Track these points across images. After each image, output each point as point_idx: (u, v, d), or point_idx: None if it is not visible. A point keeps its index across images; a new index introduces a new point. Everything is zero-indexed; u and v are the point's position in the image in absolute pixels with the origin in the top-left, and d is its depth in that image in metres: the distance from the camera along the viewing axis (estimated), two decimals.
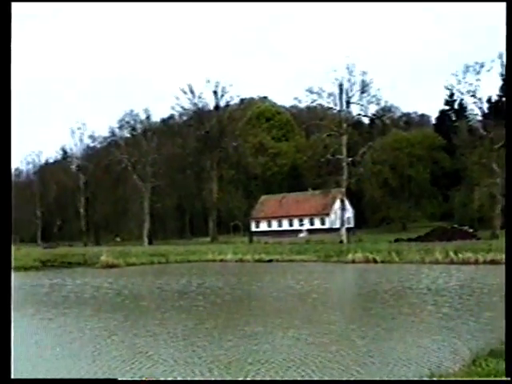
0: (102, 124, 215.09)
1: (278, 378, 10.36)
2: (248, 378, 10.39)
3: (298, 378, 10.33)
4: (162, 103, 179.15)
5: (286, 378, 10.38)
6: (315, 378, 10.27)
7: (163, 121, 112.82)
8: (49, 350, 13.57)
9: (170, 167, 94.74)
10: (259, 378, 10.38)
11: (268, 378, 10.38)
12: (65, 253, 53.79)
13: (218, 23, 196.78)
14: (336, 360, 11.62)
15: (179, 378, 10.51)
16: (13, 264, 46.14)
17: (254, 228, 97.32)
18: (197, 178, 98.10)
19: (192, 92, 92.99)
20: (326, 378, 10.24)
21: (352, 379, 10.22)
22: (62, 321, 17.96)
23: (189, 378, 10.51)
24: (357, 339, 13.84)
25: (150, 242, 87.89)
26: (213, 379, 10.45)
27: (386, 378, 10.11)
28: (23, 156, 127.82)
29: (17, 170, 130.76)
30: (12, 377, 6.76)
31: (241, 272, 38.31)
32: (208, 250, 52.19)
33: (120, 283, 31.61)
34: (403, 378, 10.05)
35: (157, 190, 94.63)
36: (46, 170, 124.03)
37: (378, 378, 10.21)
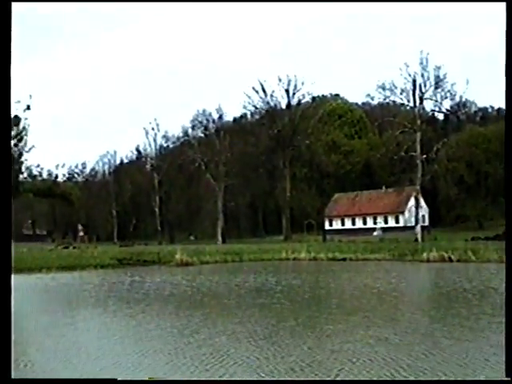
0: (175, 124, 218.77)
1: (357, 378, 9.95)
2: (330, 379, 10.00)
3: (383, 379, 9.88)
4: (234, 102, 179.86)
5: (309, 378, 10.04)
6: (400, 378, 9.82)
7: (235, 120, 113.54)
8: (131, 347, 13.48)
9: (242, 166, 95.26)
10: (341, 379, 9.99)
11: (352, 378, 9.98)
12: (140, 251, 54.59)
13: (287, 21, 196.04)
14: (423, 360, 11.08)
15: (252, 378, 10.21)
16: (90, 262, 47.40)
17: (327, 226, 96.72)
18: (269, 177, 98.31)
19: (264, 91, 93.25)
20: (412, 378, 9.79)
21: (353, 379, 9.94)
22: (142, 318, 17.94)
23: (267, 378, 10.16)
24: (442, 339, 13.22)
25: (224, 241, 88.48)
26: (213, 379, 10.26)
27: (460, 379, 9.63)
28: (99, 156, 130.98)
29: (93, 170, 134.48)
30: (13, 376, 6.64)
31: (316, 270, 37.87)
32: (281, 248, 51.91)
33: (197, 281, 31.66)
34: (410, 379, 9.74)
35: (230, 189, 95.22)
36: (121, 170, 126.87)
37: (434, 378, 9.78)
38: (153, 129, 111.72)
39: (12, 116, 67.17)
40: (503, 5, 7.55)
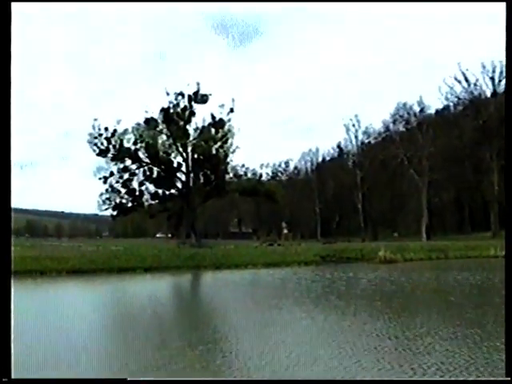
0: (375, 119, 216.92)
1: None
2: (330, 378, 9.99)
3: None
4: (436, 94, 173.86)
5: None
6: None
7: (437, 112, 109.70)
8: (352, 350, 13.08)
9: (446, 160, 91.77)
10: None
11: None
12: (343, 248, 54.80)
13: None
14: None
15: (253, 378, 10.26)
16: (294, 259, 48.53)
17: None
18: (475, 170, 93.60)
19: (466, 80, 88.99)
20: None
21: (353, 379, 9.80)
22: (366, 317, 17.85)
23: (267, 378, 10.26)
24: None
25: (428, 237, 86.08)
26: (213, 379, 10.18)
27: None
28: (301, 154, 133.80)
29: (296, 168, 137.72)
30: (13, 376, 6.71)
31: None
32: (489, 245, 49.38)
33: (413, 277, 31.22)
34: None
35: (434, 184, 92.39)
36: (323, 167, 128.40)
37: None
38: (353, 125, 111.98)
39: (217, 119, 70.89)
40: (503, 5, 8.05)
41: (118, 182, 72.32)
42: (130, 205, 73.28)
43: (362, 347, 13.05)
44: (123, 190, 72.64)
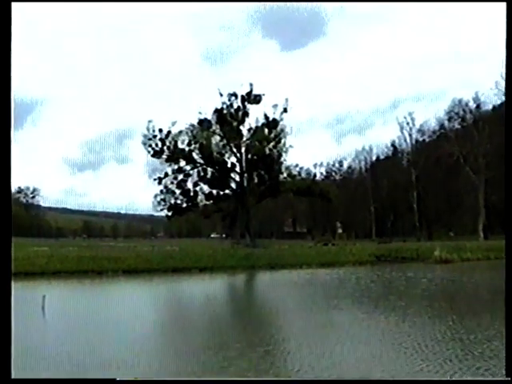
0: (430, 116, 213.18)
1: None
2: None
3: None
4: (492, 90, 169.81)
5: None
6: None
7: (494, 108, 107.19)
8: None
9: (503, 157, 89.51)
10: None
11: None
12: (398, 248, 54.24)
13: None
14: None
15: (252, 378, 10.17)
16: (349, 259, 48.24)
17: None
18: None
19: None
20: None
21: (353, 379, 9.71)
22: (427, 319, 17.67)
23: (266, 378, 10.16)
24: None
25: (486, 237, 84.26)
26: (213, 379, 10.09)
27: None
28: (355, 153, 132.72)
29: (349, 167, 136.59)
30: (13, 376, 6.67)
31: None
32: None
33: (474, 277, 30.75)
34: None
35: (491, 182, 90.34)
36: (377, 166, 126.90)
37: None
38: (408, 123, 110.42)
39: (270, 119, 70.97)
40: (503, 5, 8.05)
41: (172, 182, 73.22)
42: (184, 205, 74.06)
43: (428, 350, 12.86)
44: (178, 191, 73.49)
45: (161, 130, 71.05)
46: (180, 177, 73.14)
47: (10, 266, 7.06)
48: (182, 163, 72.27)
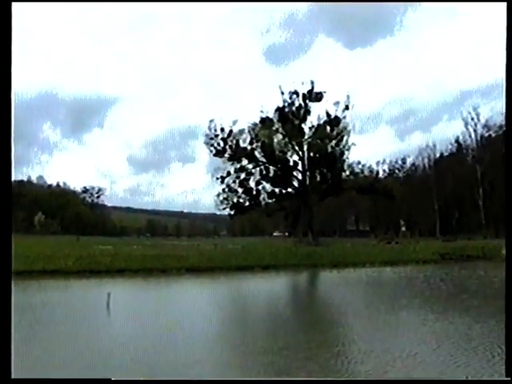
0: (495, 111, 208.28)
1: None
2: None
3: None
4: None
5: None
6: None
7: None
8: None
9: None
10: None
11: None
12: (463, 246, 53.32)
13: None
14: None
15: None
16: (412, 257, 47.66)
17: None
18: None
19: None
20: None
21: (353, 379, 9.70)
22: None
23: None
24: None
25: None
26: (213, 379, 10.04)
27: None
28: (418, 150, 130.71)
29: (413, 164, 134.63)
30: (13, 376, 6.72)
31: None
32: None
33: None
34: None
35: None
36: (441, 163, 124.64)
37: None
38: (472, 119, 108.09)
39: (332, 117, 70.76)
40: (503, 5, 8.16)
41: (234, 181, 73.85)
42: (247, 204, 74.59)
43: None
44: (240, 190, 74.09)
45: (222, 129, 71.83)
46: (242, 175, 73.75)
47: (11, 265, 7.00)
48: (244, 162, 72.86)
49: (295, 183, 73.89)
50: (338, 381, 10.34)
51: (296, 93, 71.25)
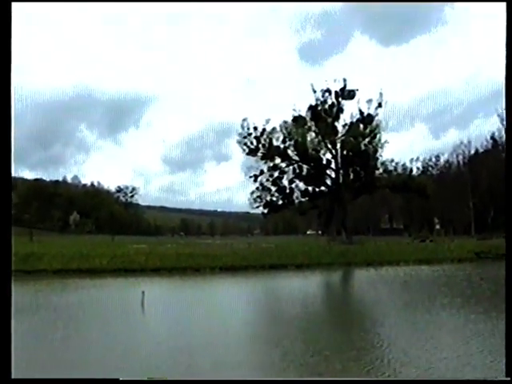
0: None
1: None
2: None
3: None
4: None
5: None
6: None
7: None
8: None
9: None
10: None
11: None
12: (498, 244, 52.49)
13: None
14: None
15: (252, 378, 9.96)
16: (447, 255, 47.22)
17: None
18: None
19: None
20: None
21: (353, 379, 9.67)
22: None
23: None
24: None
25: None
26: (213, 379, 10.01)
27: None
28: (453, 147, 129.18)
29: (447, 162, 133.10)
30: (13, 377, 6.76)
31: None
32: None
33: None
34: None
35: None
36: (476, 160, 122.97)
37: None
38: None
39: (365, 114, 70.34)
40: (503, 5, 8.16)
41: (268, 180, 73.84)
42: (280, 202, 74.57)
43: None
44: (273, 188, 74.08)
45: (255, 128, 71.89)
46: (275, 174, 73.73)
47: (10, 265, 6.98)
48: (278, 160, 72.84)
49: (328, 181, 73.66)
50: (338, 381, 10.35)
51: (328, 91, 70.98)
